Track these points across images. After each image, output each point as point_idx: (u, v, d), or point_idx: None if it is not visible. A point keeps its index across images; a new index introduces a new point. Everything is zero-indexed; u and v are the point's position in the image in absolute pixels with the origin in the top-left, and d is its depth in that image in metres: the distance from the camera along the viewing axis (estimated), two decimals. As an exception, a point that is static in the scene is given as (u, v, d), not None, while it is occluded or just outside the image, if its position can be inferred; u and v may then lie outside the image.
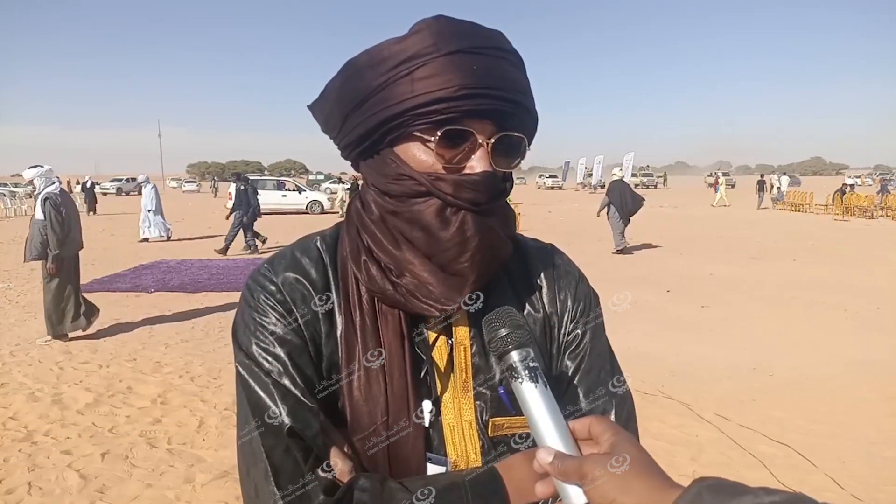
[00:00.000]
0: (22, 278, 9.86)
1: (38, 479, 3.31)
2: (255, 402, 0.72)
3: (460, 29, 0.72)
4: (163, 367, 5.24)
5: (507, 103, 0.71)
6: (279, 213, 24.32)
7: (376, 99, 0.72)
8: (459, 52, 0.69)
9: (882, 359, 5.54)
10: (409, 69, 0.70)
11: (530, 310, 0.85)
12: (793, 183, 41.96)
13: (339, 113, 0.77)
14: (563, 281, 0.87)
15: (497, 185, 0.74)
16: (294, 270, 0.79)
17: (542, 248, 0.91)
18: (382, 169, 0.75)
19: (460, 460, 0.76)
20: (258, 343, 0.75)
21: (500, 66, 0.72)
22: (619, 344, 0.90)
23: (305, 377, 0.74)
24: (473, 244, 0.72)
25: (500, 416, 0.78)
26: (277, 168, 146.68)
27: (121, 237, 16.20)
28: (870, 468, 3.49)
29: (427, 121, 0.70)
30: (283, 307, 0.76)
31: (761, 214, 23.95)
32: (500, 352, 0.66)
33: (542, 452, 0.61)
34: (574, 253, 1.02)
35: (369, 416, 0.74)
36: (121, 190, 46.91)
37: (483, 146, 0.72)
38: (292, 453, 0.70)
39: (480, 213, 0.73)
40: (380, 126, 0.72)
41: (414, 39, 0.71)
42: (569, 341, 0.84)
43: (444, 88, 0.68)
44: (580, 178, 52.86)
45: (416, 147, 0.73)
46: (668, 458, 3.56)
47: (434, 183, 0.71)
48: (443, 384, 0.78)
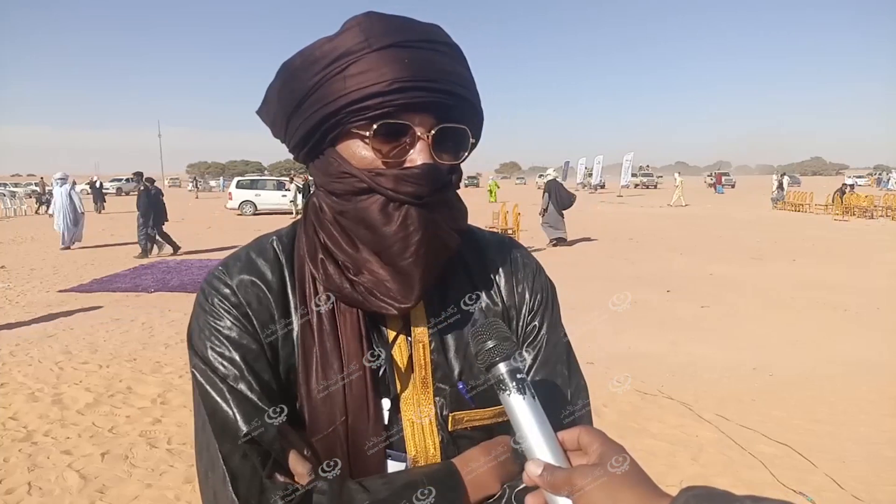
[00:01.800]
0: (22, 278, 9.86)
1: (38, 479, 3.31)
2: (210, 407, 0.72)
3: (392, 24, 0.71)
4: (163, 367, 5.24)
5: (444, 95, 0.71)
6: (279, 213, 24.35)
7: (313, 99, 0.72)
8: (392, 47, 0.69)
9: (882, 359, 5.54)
10: (341, 66, 0.70)
11: (489, 302, 0.84)
12: (793, 183, 41.97)
13: (282, 116, 0.77)
14: (520, 273, 0.87)
15: (440, 177, 0.73)
16: (249, 272, 0.78)
17: (500, 240, 0.92)
18: (326, 168, 0.75)
19: (420, 456, 0.76)
20: (213, 347, 0.74)
21: (435, 58, 0.71)
22: (619, 344, 0.90)
23: (262, 381, 0.73)
24: (416, 238, 0.72)
25: (460, 411, 0.78)
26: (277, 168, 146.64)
27: (120, 237, 16.20)
28: (870, 468, 3.49)
29: (362, 117, 0.70)
30: (238, 310, 0.75)
31: (764, 215, 23.93)
32: (488, 364, 0.65)
33: (532, 465, 0.60)
34: (574, 253, 1.02)
35: (328, 417, 0.74)
36: (121, 190, 47.42)
37: (423, 139, 0.71)
38: (250, 459, 0.69)
39: (423, 207, 0.72)
40: (319, 125, 0.72)
41: (345, 37, 0.71)
42: (527, 333, 0.85)
43: (376, 83, 0.68)
44: (580, 178, 52.84)
45: (356, 144, 0.72)
46: (668, 459, 3.56)
47: (374, 179, 0.71)
48: (402, 382, 0.78)
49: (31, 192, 36.89)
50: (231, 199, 24.68)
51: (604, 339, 5.95)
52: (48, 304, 7.84)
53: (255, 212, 24.17)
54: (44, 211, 27.00)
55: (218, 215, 24.27)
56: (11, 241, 15.16)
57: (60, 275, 10.22)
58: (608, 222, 20.32)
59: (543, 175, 18.61)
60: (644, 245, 13.93)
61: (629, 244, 14.15)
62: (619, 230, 17.50)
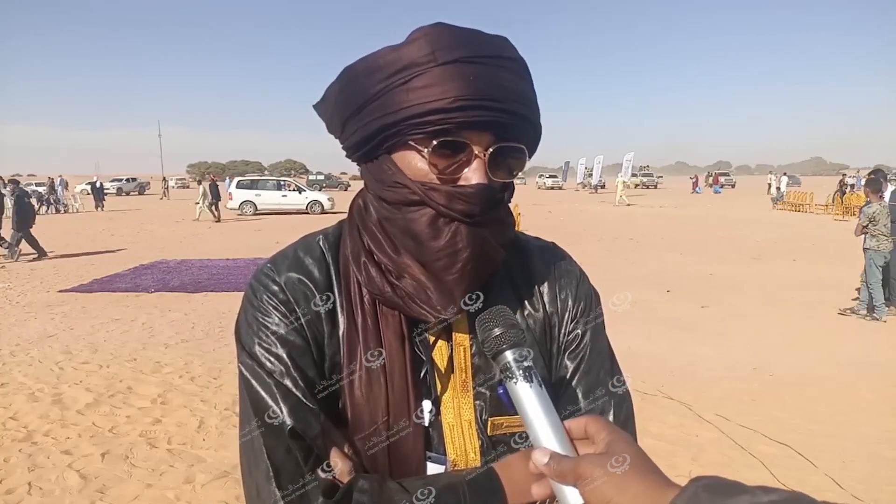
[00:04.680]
0: (22, 278, 9.87)
1: (39, 480, 3.31)
2: (256, 402, 0.73)
3: (458, 37, 0.70)
4: (163, 367, 5.24)
5: (505, 114, 0.70)
6: (279, 213, 24.34)
7: (373, 107, 0.72)
8: (457, 62, 0.69)
9: (882, 359, 5.54)
10: (405, 78, 0.69)
11: (530, 309, 0.84)
12: (793, 183, 41.92)
13: (338, 118, 0.78)
14: (563, 280, 0.87)
15: (493, 196, 0.73)
16: (297, 270, 0.79)
17: (544, 246, 0.91)
18: (380, 175, 0.75)
19: (459, 459, 0.76)
20: (261, 343, 0.75)
21: (500, 75, 0.71)
22: (619, 344, 0.90)
23: (307, 378, 0.74)
24: (464, 255, 0.72)
25: (500, 416, 0.78)
26: (277, 168, 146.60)
27: (120, 237, 16.20)
28: (870, 468, 3.49)
29: (422, 131, 0.69)
30: (285, 307, 0.76)
31: (764, 215, 23.92)
32: (495, 351, 0.66)
33: (538, 453, 0.60)
34: (574, 253, 1.02)
35: (370, 416, 0.75)
36: (121, 190, 47.37)
37: (479, 157, 0.71)
38: (293, 454, 0.70)
39: (474, 225, 0.72)
40: (376, 133, 0.72)
41: (411, 48, 0.70)
42: (569, 341, 0.84)
43: (439, 99, 0.68)
44: (580, 178, 52.83)
45: (412, 156, 0.72)
46: (668, 458, 3.56)
47: (427, 193, 0.71)
48: (443, 384, 0.78)
49: (32, 191, 36.88)
50: (231, 199, 24.68)
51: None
52: (48, 304, 7.85)
53: (256, 212, 24.16)
54: (44, 211, 27.02)
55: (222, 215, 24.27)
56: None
57: (60, 275, 10.22)
58: (608, 222, 20.33)
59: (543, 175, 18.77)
60: (644, 245, 13.93)
61: (629, 244, 14.16)
62: (619, 230, 17.50)
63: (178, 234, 16.85)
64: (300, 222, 19.41)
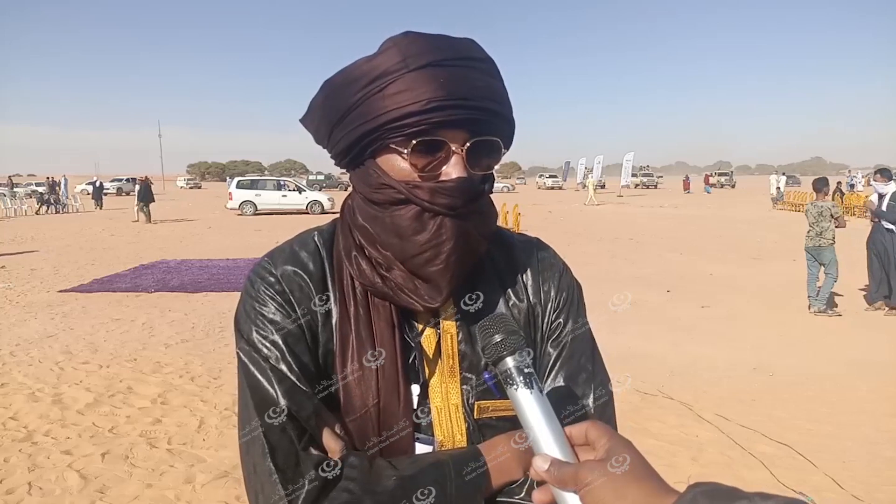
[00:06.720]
0: (22, 278, 9.87)
1: (39, 480, 3.31)
2: (253, 385, 0.77)
3: (427, 44, 0.75)
4: (163, 367, 5.24)
5: (477, 111, 0.75)
6: (279, 212, 24.36)
7: (354, 115, 0.77)
8: (428, 66, 0.73)
9: (882, 359, 5.54)
10: (380, 86, 0.74)
11: (515, 300, 0.89)
12: (793, 183, 41.94)
13: (324, 128, 0.83)
14: (546, 273, 0.91)
15: (474, 188, 0.78)
16: (293, 263, 0.84)
17: (528, 241, 0.96)
18: (367, 179, 0.80)
19: (447, 441, 0.81)
20: (258, 330, 0.79)
21: (469, 75, 0.76)
22: (619, 344, 0.90)
23: (301, 363, 0.78)
24: (448, 247, 0.77)
25: (486, 400, 0.82)
26: (277, 168, 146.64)
27: (120, 238, 16.20)
28: (870, 468, 3.49)
29: (401, 133, 0.74)
30: (281, 297, 0.81)
31: (764, 215, 23.92)
32: (495, 358, 0.67)
33: (539, 460, 0.61)
34: (574, 253, 1.03)
35: (361, 399, 0.79)
36: (121, 190, 47.52)
37: (457, 153, 0.76)
38: (287, 433, 0.74)
39: (457, 217, 0.77)
40: (360, 140, 0.77)
41: (383, 57, 0.75)
42: (552, 329, 0.88)
43: (414, 103, 0.72)
44: (580, 178, 52.83)
45: (394, 158, 0.77)
46: (668, 459, 3.56)
47: (412, 191, 0.76)
48: (431, 370, 0.83)
49: (32, 191, 36.87)
50: (231, 199, 24.71)
51: (604, 339, 5.91)
52: (48, 304, 7.85)
53: (256, 212, 24.18)
54: (44, 211, 27.03)
55: (218, 215, 24.28)
56: (12, 241, 15.15)
57: (61, 275, 10.22)
58: (608, 222, 20.34)
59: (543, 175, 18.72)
60: (644, 245, 13.94)
61: (629, 244, 14.17)
62: (619, 230, 17.50)
63: (178, 234, 16.86)
64: (300, 222, 19.42)
